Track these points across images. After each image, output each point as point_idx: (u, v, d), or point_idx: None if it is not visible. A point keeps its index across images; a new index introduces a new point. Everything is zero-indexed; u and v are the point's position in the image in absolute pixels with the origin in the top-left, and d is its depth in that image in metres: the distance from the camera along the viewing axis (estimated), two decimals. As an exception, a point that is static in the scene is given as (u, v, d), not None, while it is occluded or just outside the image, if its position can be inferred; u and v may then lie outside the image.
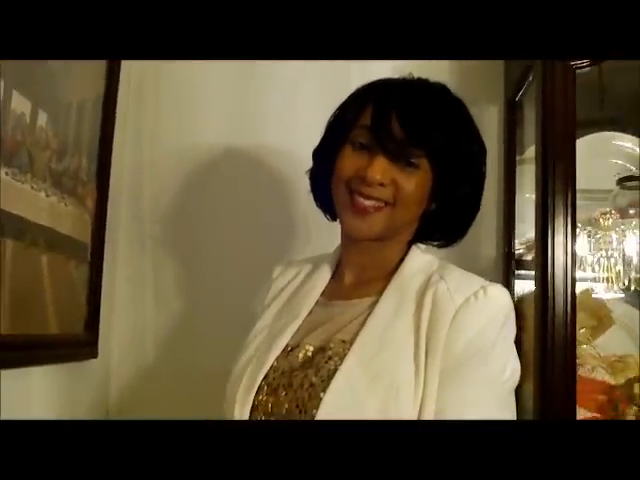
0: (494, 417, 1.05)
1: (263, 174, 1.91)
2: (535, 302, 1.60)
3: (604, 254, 1.95)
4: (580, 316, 1.84)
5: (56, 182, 1.45)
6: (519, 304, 1.86)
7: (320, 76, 1.90)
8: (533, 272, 1.62)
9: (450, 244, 1.28)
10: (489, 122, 1.97)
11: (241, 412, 1.11)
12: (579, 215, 1.91)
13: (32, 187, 1.34)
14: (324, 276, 1.26)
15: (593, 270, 1.95)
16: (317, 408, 1.04)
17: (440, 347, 1.05)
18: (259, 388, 1.12)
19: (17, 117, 1.28)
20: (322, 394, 1.05)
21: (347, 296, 1.20)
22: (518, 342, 1.73)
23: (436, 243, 1.27)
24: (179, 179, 1.93)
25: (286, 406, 1.09)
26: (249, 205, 1.91)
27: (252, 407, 1.11)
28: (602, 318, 1.85)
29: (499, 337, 1.10)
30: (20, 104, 1.28)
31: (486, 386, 1.07)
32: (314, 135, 1.25)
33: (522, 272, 1.87)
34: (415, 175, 1.13)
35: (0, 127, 1.21)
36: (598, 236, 2.01)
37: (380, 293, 1.15)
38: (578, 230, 1.95)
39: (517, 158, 1.93)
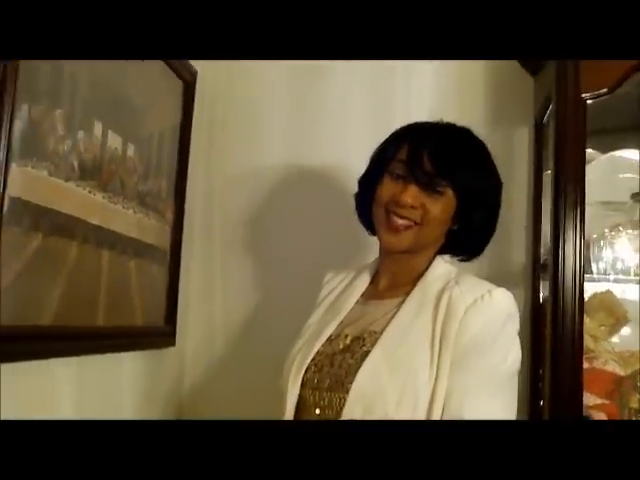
0: (492, 399, 1.27)
1: (317, 187, 2.19)
2: (550, 303, 1.82)
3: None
4: (600, 315, 2.07)
5: (142, 201, 1.77)
6: (544, 304, 2.09)
7: (366, 95, 2.17)
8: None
9: (469, 259, 1.51)
10: (520, 141, 2.20)
11: (292, 387, 1.36)
12: (607, 221, 2.14)
13: (123, 207, 1.66)
14: (364, 281, 1.52)
15: (625, 272, 2.14)
16: (352, 383, 1.28)
17: (451, 340, 1.28)
18: (307, 368, 1.38)
19: (112, 151, 1.59)
20: (355, 372, 1.30)
21: (380, 297, 1.45)
22: (541, 336, 1.99)
23: (458, 258, 1.50)
24: (245, 193, 2.22)
25: (328, 381, 1.34)
26: (306, 217, 2.18)
27: (301, 383, 1.37)
28: (619, 317, 2.06)
29: (501, 332, 1.32)
30: (113, 140, 1.60)
31: (486, 373, 1.29)
32: (362, 152, 1.49)
33: (547, 276, 2.08)
34: (440, 201, 1.37)
35: (102, 162, 1.53)
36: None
37: (407, 294, 1.39)
38: (619, 233, 2.18)
39: (544, 173, 2.15)
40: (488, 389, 1.27)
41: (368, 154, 1.51)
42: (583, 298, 1.77)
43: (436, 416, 1.24)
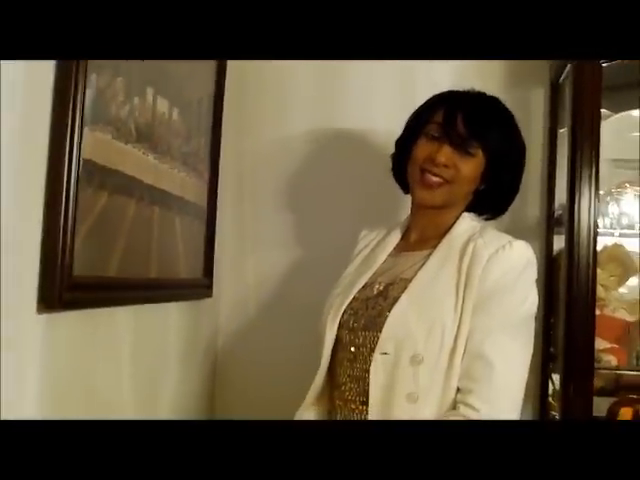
0: (510, 338, 1.41)
1: (344, 150, 2.31)
2: (564, 256, 1.96)
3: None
4: (610, 265, 2.20)
5: (184, 161, 1.89)
6: (557, 256, 2.23)
7: (391, 72, 2.28)
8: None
9: (493, 218, 1.64)
10: (536, 101, 2.32)
11: (330, 329, 1.51)
12: (618, 178, 2.26)
13: (170, 167, 1.78)
14: (396, 236, 1.65)
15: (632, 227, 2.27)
16: (384, 323, 1.43)
17: (475, 285, 1.42)
18: (344, 312, 1.53)
19: (160, 115, 1.71)
20: (387, 313, 1.45)
21: (411, 249, 1.58)
22: (555, 287, 2.12)
23: (483, 217, 1.63)
24: (275, 154, 2.34)
25: (363, 322, 1.48)
26: (334, 177, 2.31)
27: (338, 325, 1.51)
28: (627, 268, 2.20)
29: (520, 278, 1.47)
30: (162, 105, 1.71)
31: (506, 314, 1.43)
32: (387, 116, 1.61)
33: (561, 230, 2.21)
34: (471, 162, 1.50)
35: (153, 125, 1.65)
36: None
37: (434, 247, 1.53)
38: (625, 189, 2.30)
39: (559, 132, 2.27)
40: (507, 329, 1.42)
41: (392, 118, 1.62)
42: (596, 250, 1.91)
43: (459, 353, 1.39)
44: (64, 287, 1.25)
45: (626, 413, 1.90)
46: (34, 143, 1.22)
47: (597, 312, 1.96)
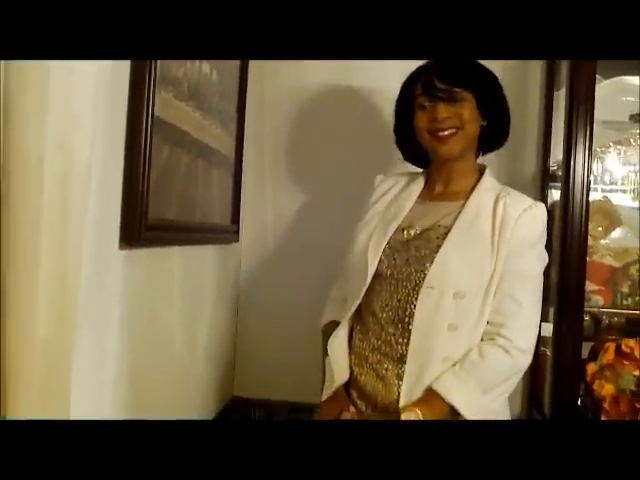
0: (533, 284, 1.65)
1: (356, 103, 2.50)
2: (560, 208, 2.19)
3: (632, 169, 2.53)
4: (597, 217, 2.44)
5: (220, 118, 2.08)
6: (551, 209, 2.45)
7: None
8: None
9: (498, 148, 1.83)
10: (535, 65, 2.52)
11: (372, 263, 1.67)
12: (607, 139, 2.49)
13: (210, 123, 1.97)
14: (419, 185, 1.81)
15: (614, 183, 2.52)
16: (431, 263, 1.61)
17: (507, 238, 1.63)
18: (383, 249, 1.70)
19: (204, 76, 1.89)
20: (434, 254, 1.63)
21: (440, 199, 1.76)
22: (550, 237, 2.36)
23: (491, 151, 1.83)
24: (292, 108, 2.53)
25: (405, 259, 1.66)
26: (349, 130, 2.50)
27: (379, 260, 1.68)
28: (613, 220, 2.44)
29: (541, 236, 1.70)
30: (205, 67, 1.89)
31: (530, 264, 1.66)
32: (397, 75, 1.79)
33: (555, 184, 2.44)
34: (466, 105, 1.68)
35: (199, 85, 1.83)
36: (629, 153, 2.58)
37: (466, 199, 1.71)
38: (608, 148, 2.54)
39: (554, 94, 2.47)
40: (531, 276, 1.66)
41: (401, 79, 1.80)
42: (589, 203, 2.13)
43: (492, 292, 1.60)
44: (142, 227, 1.45)
45: (609, 347, 2.14)
46: (117, 101, 1.40)
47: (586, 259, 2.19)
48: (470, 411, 1.55)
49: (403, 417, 1.54)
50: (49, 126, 0.91)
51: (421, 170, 1.86)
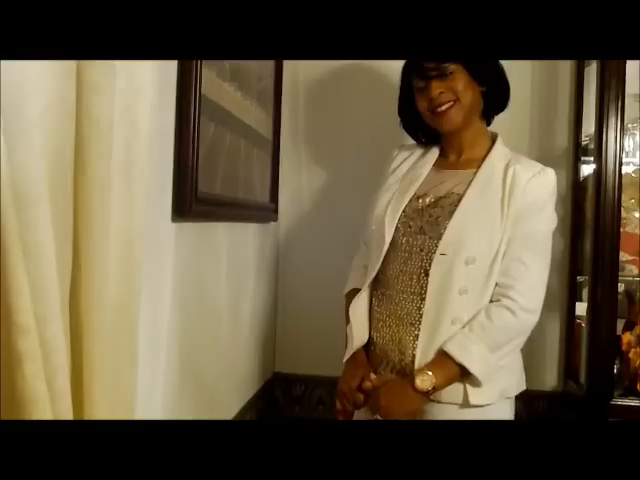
0: (541, 246, 1.72)
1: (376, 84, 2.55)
2: (593, 181, 2.22)
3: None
4: (630, 190, 2.47)
5: (259, 98, 2.14)
6: (584, 182, 2.49)
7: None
8: (594, 158, 2.25)
9: (501, 111, 1.88)
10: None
11: (389, 230, 1.76)
12: (636, 113, 2.51)
13: (250, 103, 2.03)
14: (434, 155, 1.89)
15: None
16: (445, 229, 1.69)
17: (516, 202, 1.70)
18: (399, 217, 1.78)
19: (244, 57, 1.95)
20: (447, 222, 1.71)
21: (453, 167, 1.83)
22: (582, 209, 2.39)
23: (496, 115, 1.89)
24: (326, 89, 2.59)
25: (421, 227, 1.74)
26: (381, 108, 2.55)
27: (395, 228, 1.77)
28: (647, 192, 2.46)
29: (549, 200, 1.76)
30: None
31: (537, 228, 1.73)
32: None
33: (587, 158, 2.48)
34: (458, 77, 1.73)
35: (239, 65, 1.89)
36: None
37: (478, 167, 1.78)
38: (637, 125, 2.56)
39: (585, 69, 2.50)
40: (538, 239, 1.73)
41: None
42: (621, 176, 2.17)
43: (501, 256, 1.68)
44: (193, 200, 1.52)
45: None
46: (166, 79, 1.46)
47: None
48: (479, 369, 1.64)
49: (417, 382, 1.64)
50: (117, 93, 0.97)
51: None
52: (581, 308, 2.41)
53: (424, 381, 1.64)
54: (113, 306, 1.01)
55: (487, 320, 1.66)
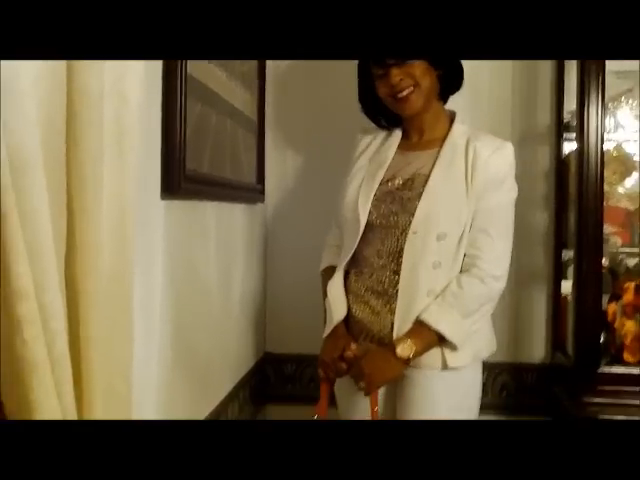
0: (504, 217, 1.83)
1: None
2: (575, 156, 2.25)
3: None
4: (612, 164, 2.51)
5: (243, 80, 2.15)
6: (566, 159, 2.52)
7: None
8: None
9: (457, 91, 1.95)
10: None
11: (363, 213, 1.84)
12: (619, 88, 2.54)
13: (235, 85, 2.04)
14: (397, 136, 1.96)
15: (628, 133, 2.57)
16: (416, 208, 1.78)
17: (479, 177, 1.79)
18: (371, 201, 1.85)
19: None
20: (417, 202, 1.79)
21: (417, 148, 1.91)
22: (565, 185, 2.42)
23: (452, 94, 1.95)
24: (307, 73, 2.59)
25: (392, 208, 1.83)
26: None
27: (369, 212, 1.84)
28: (629, 166, 2.50)
29: (510, 172, 1.86)
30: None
31: (500, 199, 1.82)
32: None
33: (569, 135, 2.50)
34: (415, 63, 1.79)
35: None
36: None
37: (440, 147, 1.87)
38: (620, 101, 2.59)
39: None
40: (501, 211, 1.84)
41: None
42: (603, 151, 2.20)
43: (467, 228, 1.79)
44: (181, 178, 1.53)
45: (629, 287, 2.21)
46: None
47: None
48: (454, 334, 1.77)
49: (398, 351, 1.75)
50: (106, 64, 0.98)
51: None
52: (566, 286, 2.46)
53: (404, 349, 1.75)
54: (107, 275, 1.02)
55: (458, 289, 1.77)
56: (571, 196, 2.38)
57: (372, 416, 1.80)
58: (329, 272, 1.97)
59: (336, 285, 1.92)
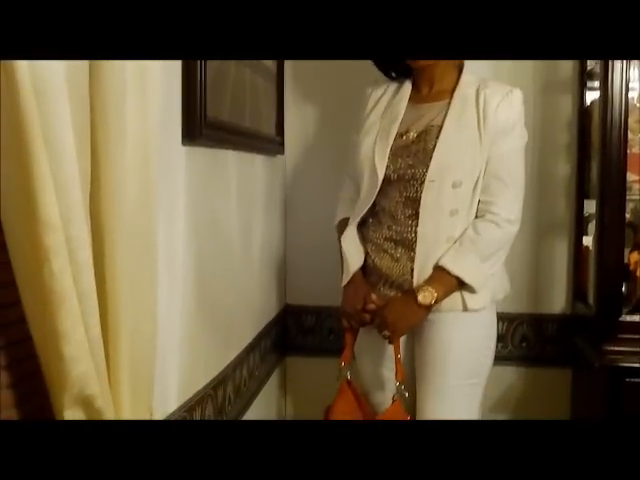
0: (515, 160, 1.88)
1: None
2: (599, 105, 2.22)
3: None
4: (635, 112, 2.46)
5: (262, 28, 2.13)
6: (589, 107, 2.49)
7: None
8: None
9: None
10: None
11: (381, 167, 1.87)
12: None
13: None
14: (408, 88, 1.98)
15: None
16: (430, 160, 1.82)
17: (490, 124, 1.84)
18: (387, 156, 1.88)
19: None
20: (432, 153, 1.83)
21: (428, 100, 1.94)
22: (587, 134, 2.39)
23: None
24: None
25: (409, 161, 1.86)
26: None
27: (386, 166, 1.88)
28: (651, 114, 2.46)
29: (519, 119, 1.90)
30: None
31: (512, 144, 1.87)
32: None
33: (592, 84, 2.47)
34: None
35: None
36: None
37: (450, 97, 1.90)
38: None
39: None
40: (512, 154, 1.88)
41: None
42: (628, 99, 2.16)
43: (482, 175, 1.83)
44: (202, 124, 1.52)
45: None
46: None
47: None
48: (474, 278, 1.83)
49: (420, 299, 1.80)
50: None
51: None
52: (587, 240, 2.44)
53: (426, 297, 1.80)
54: (132, 215, 1.03)
55: (475, 234, 1.83)
56: (594, 145, 2.35)
57: (396, 363, 1.85)
58: (344, 224, 2.02)
59: (351, 236, 1.98)
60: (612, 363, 2.04)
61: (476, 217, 1.85)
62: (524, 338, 2.54)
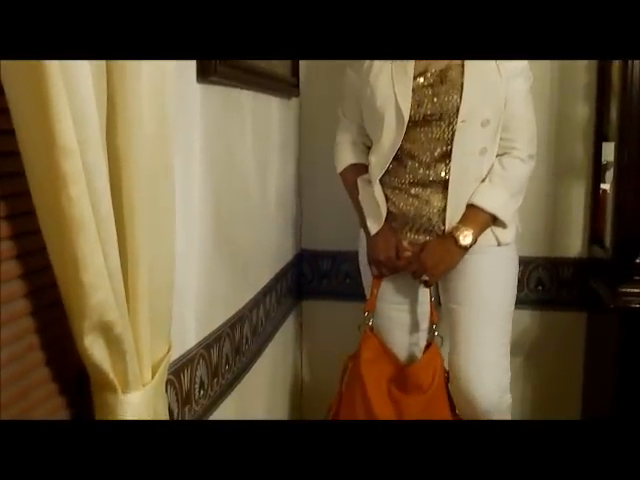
0: (527, 100, 1.93)
1: None
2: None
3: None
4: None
5: None
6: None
7: None
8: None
9: None
10: None
11: (406, 109, 1.85)
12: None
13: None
14: None
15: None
16: (460, 100, 1.83)
17: (504, 64, 1.85)
18: (411, 95, 1.86)
19: None
20: (461, 92, 1.83)
21: None
22: (607, 75, 2.34)
23: None
24: None
25: (436, 101, 1.86)
26: None
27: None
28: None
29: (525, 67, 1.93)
30: None
31: (524, 84, 1.92)
32: None
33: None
34: None
35: None
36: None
37: None
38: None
39: None
40: (525, 95, 1.93)
41: None
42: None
43: (502, 114, 1.87)
44: (217, 62, 1.51)
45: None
46: None
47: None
48: (505, 214, 1.89)
49: (460, 241, 1.85)
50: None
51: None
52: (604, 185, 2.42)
53: (465, 238, 1.86)
54: (148, 144, 1.02)
55: (504, 171, 1.89)
56: (613, 86, 2.31)
57: (430, 306, 1.96)
58: (352, 170, 2.04)
59: (377, 185, 1.96)
60: (627, 304, 2.04)
61: (497, 155, 1.91)
62: (540, 281, 2.54)
